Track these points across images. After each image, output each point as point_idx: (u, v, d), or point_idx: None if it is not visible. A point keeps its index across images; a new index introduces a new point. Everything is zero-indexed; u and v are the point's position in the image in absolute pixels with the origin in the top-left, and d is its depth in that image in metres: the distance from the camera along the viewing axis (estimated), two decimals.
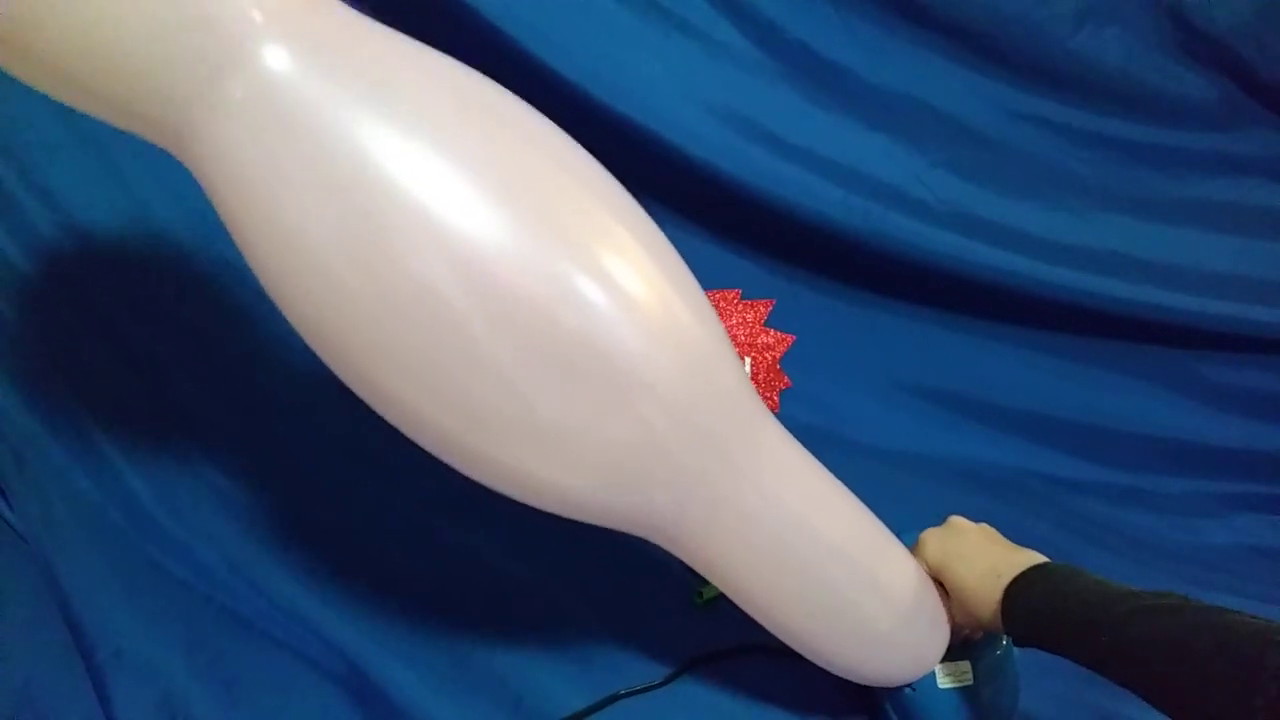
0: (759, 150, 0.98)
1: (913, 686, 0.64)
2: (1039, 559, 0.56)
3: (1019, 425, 1.08)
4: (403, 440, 0.93)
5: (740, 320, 0.88)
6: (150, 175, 0.90)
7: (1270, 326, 1.02)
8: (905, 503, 0.64)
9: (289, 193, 0.43)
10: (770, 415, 0.58)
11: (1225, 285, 1.02)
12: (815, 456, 0.60)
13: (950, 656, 0.63)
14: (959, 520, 0.63)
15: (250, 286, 0.93)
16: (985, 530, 0.61)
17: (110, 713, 0.67)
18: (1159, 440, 1.07)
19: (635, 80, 0.94)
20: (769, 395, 0.87)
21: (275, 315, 0.92)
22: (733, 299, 0.89)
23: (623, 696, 0.69)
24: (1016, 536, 0.61)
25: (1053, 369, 1.08)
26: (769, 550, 0.56)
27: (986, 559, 0.58)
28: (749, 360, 0.86)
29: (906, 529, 0.64)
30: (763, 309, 0.89)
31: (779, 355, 0.88)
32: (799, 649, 0.62)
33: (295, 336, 0.93)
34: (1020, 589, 0.54)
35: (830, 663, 0.62)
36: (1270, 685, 0.39)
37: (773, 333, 0.88)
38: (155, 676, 0.69)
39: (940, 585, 0.62)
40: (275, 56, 0.43)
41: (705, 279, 0.55)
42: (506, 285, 0.44)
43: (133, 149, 0.89)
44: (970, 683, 0.63)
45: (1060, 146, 1.03)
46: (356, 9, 0.48)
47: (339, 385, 0.93)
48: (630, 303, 0.47)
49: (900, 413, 1.09)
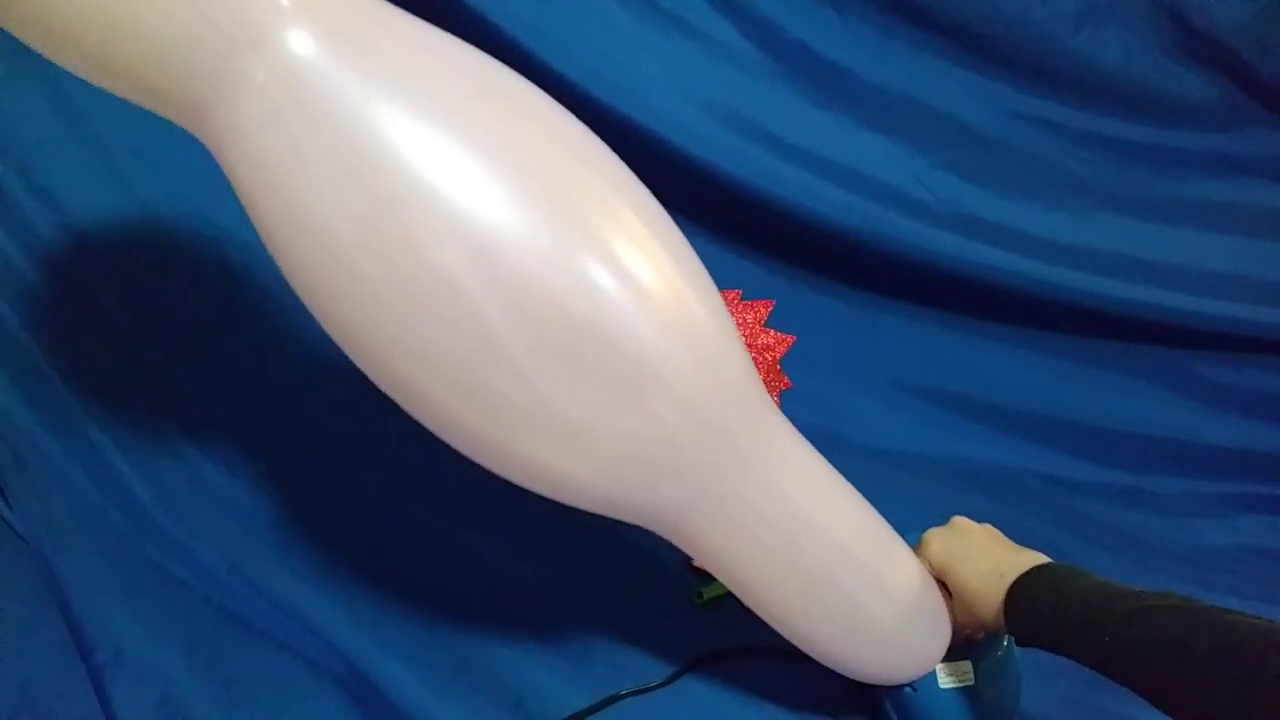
0: (759, 150, 0.98)
1: (914, 686, 0.64)
2: (1042, 559, 0.56)
3: (1019, 425, 1.08)
4: (403, 441, 0.93)
5: (740, 320, 0.88)
6: (150, 175, 0.90)
7: (1270, 326, 1.02)
8: (905, 503, 0.64)
9: (309, 178, 0.43)
10: (778, 412, 0.58)
11: (1225, 285, 1.02)
12: None
13: (951, 656, 0.63)
14: (962, 520, 0.63)
15: (251, 286, 0.93)
16: (988, 530, 0.62)
17: (110, 713, 0.67)
18: (1159, 440, 1.07)
19: (635, 80, 0.95)
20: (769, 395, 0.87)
21: (276, 316, 0.93)
22: (733, 299, 0.89)
23: (623, 696, 0.69)
24: (1017, 536, 0.61)
25: (1053, 369, 1.08)
26: (774, 546, 0.56)
27: (990, 559, 0.58)
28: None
29: (907, 529, 0.64)
30: (763, 309, 0.89)
31: (779, 355, 0.88)
32: (801, 645, 0.62)
33: (296, 337, 0.93)
34: (1023, 589, 0.54)
35: (832, 660, 0.62)
36: (1271, 686, 0.39)
37: (773, 333, 0.88)
38: (155, 676, 0.69)
39: (942, 585, 0.62)
40: (299, 41, 0.43)
41: None
42: (521, 274, 0.44)
43: (132, 149, 0.89)
44: (971, 683, 0.63)
45: (1060, 146, 1.03)
46: None
47: (340, 386, 0.93)
48: (642, 293, 0.47)
49: (900, 413, 1.09)
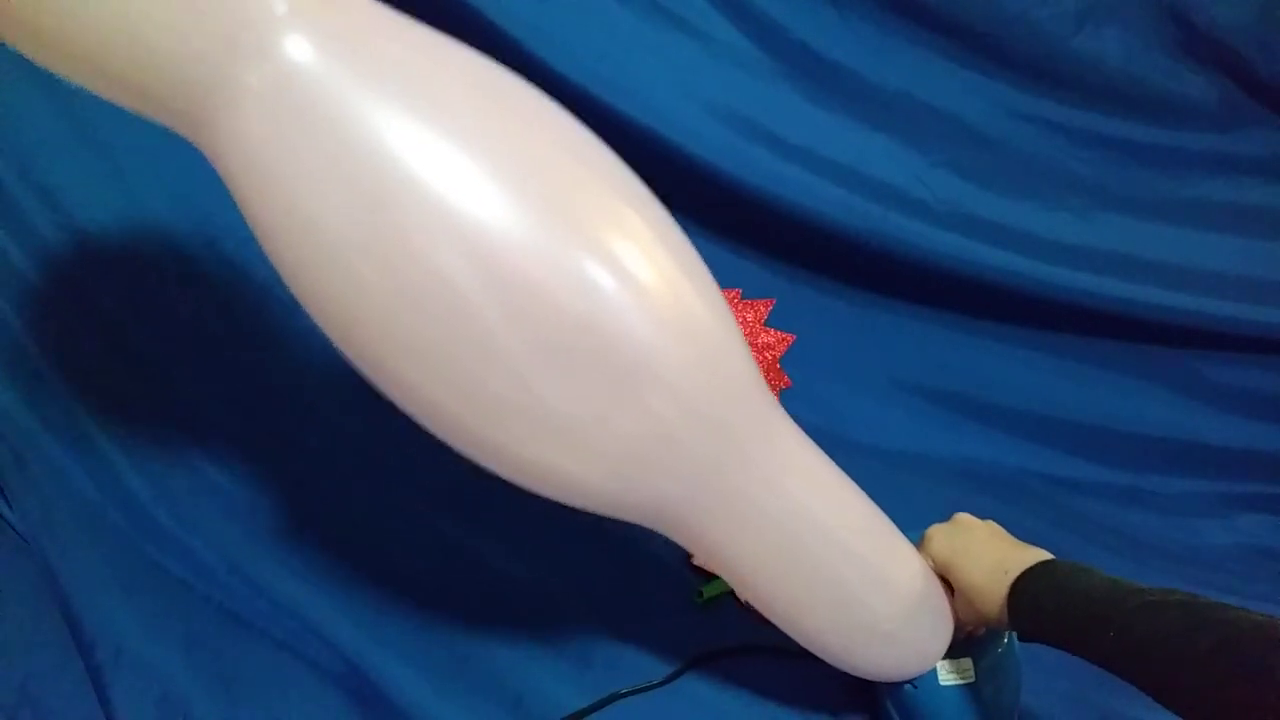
0: (759, 150, 0.98)
1: (914, 683, 0.64)
2: (1046, 556, 0.56)
3: (1019, 425, 1.08)
4: (403, 440, 0.93)
5: (740, 319, 0.88)
6: (150, 175, 0.90)
7: (1270, 326, 1.02)
8: (905, 503, 0.64)
9: (305, 183, 0.43)
10: (781, 409, 0.58)
11: (1225, 285, 1.02)
12: None
13: (953, 653, 0.63)
14: (965, 517, 0.63)
15: (251, 286, 0.93)
16: (992, 527, 0.61)
17: (110, 712, 0.67)
18: (1159, 440, 1.07)
19: (635, 80, 0.95)
20: None
21: (276, 316, 0.93)
22: (733, 298, 0.89)
23: (622, 696, 0.69)
24: (1016, 535, 0.61)
25: (1053, 369, 1.08)
26: (777, 543, 0.56)
27: (993, 555, 0.58)
28: None
29: (908, 528, 0.64)
30: (763, 309, 0.89)
31: (779, 355, 0.88)
32: (803, 641, 0.62)
33: (296, 337, 0.93)
34: (1027, 585, 0.54)
35: (834, 656, 0.62)
36: (1275, 683, 0.39)
37: (773, 333, 0.88)
38: (155, 676, 0.69)
39: (945, 582, 0.62)
40: (295, 46, 0.43)
41: None
42: (519, 274, 0.44)
43: (133, 149, 0.89)
44: (972, 680, 0.63)
45: (1060, 146, 1.03)
46: None
47: (340, 386, 0.93)
48: (641, 292, 0.47)
49: (900, 413, 1.09)
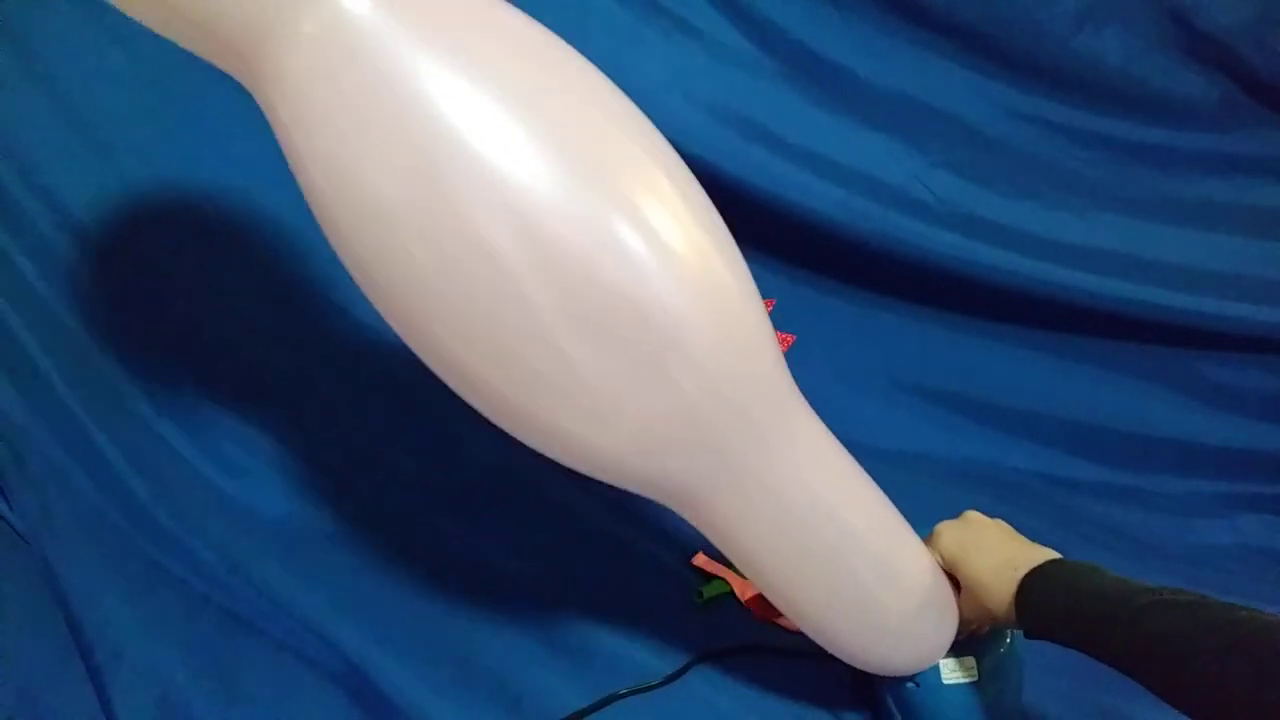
0: (759, 150, 0.98)
1: (916, 680, 0.63)
2: (1054, 555, 0.56)
3: (1019, 425, 1.08)
4: (403, 440, 0.93)
5: None
6: (151, 175, 0.90)
7: (1270, 326, 1.02)
8: (905, 502, 0.64)
9: (353, 132, 0.43)
10: (800, 396, 0.57)
11: (1225, 285, 1.02)
12: None
13: (956, 652, 0.63)
14: (974, 514, 0.63)
15: (251, 286, 0.93)
16: (1000, 525, 0.61)
17: (110, 713, 0.67)
18: (1159, 440, 1.07)
19: (635, 80, 0.94)
20: None
21: (277, 316, 0.93)
22: None
23: (622, 696, 0.69)
24: None
25: (1053, 369, 1.08)
26: (789, 529, 0.56)
27: (1002, 552, 0.58)
28: None
29: (911, 527, 0.64)
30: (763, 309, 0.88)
31: None
32: (808, 630, 0.62)
33: (297, 338, 0.93)
34: (1036, 582, 0.54)
35: (838, 647, 0.62)
36: None
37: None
38: (155, 676, 0.69)
39: (951, 579, 0.62)
40: None
41: None
42: (559, 241, 0.44)
43: (133, 149, 0.89)
44: (975, 679, 0.63)
45: (1060, 146, 1.03)
46: None
47: (340, 387, 0.93)
48: (673, 262, 0.47)
49: (900, 413, 1.09)
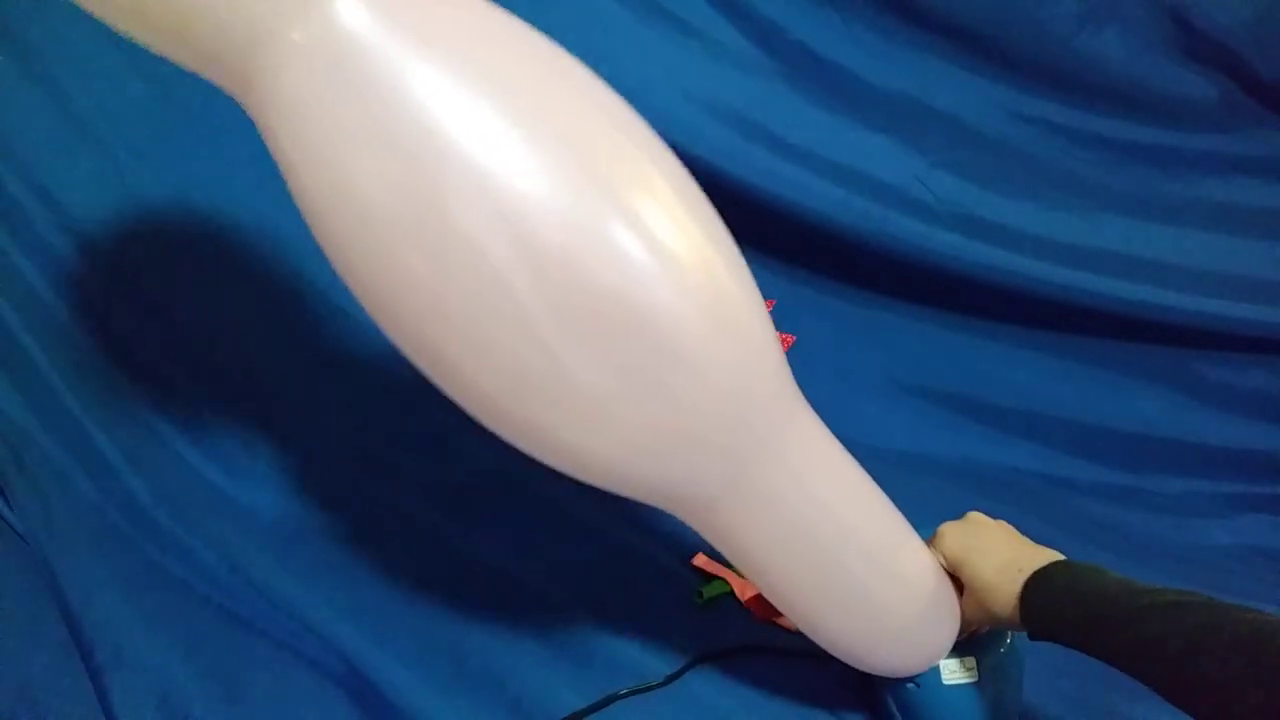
0: (759, 150, 0.98)
1: (916, 681, 0.63)
2: (1058, 557, 0.56)
3: (1019, 425, 1.08)
4: (402, 440, 0.93)
5: None
6: (150, 175, 0.90)
7: (1270, 326, 1.02)
8: (905, 502, 0.64)
9: (345, 143, 0.43)
10: (801, 396, 0.57)
11: (1225, 285, 1.02)
12: None
13: (956, 652, 0.63)
14: (978, 515, 0.63)
15: (251, 286, 0.93)
16: (1004, 526, 0.61)
17: (110, 713, 0.67)
18: (1159, 440, 1.07)
19: (635, 80, 0.94)
20: None
21: (277, 316, 0.93)
22: None
23: (621, 696, 0.69)
24: None
25: (1053, 369, 1.08)
26: (789, 531, 0.56)
27: (1006, 554, 0.58)
28: None
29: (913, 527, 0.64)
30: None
31: None
32: (809, 631, 0.62)
33: (297, 338, 0.93)
34: (1040, 583, 0.53)
35: (840, 649, 0.62)
36: None
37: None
38: (155, 676, 0.69)
39: (953, 580, 0.62)
40: (342, 3, 0.42)
41: None
42: (553, 245, 0.43)
43: (133, 149, 0.89)
44: (975, 680, 0.63)
45: (1060, 146, 1.03)
46: None
47: (340, 387, 0.93)
48: (671, 265, 0.46)
49: (900, 413, 1.09)
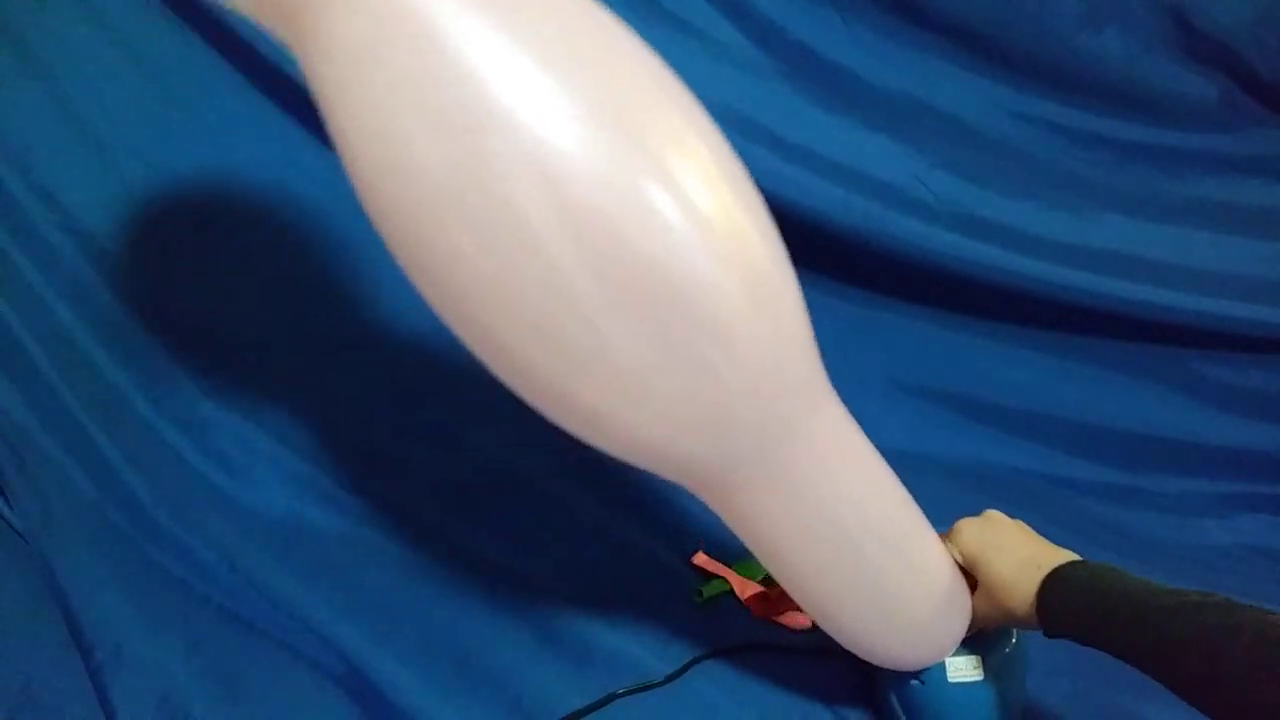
0: (759, 150, 0.98)
1: (921, 679, 0.63)
2: (1074, 557, 0.56)
3: (1019, 425, 1.08)
4: (403, 440, 0.93)
5: None
6: (151, 175, 0.90)
7: (1270, 326, 1.02)
8: None
9: (393, 96, 0.42)
10: (828, 382, 0.57)
11: (1225, 285, 1.01)
12: None
13: (962, 650, 0.63)
14: (996, 513, 0.63)
15: (250, 286, 0.93)
16: (1021, 526, 0.62)
17: (110, 712, 0.67)
18: (1159, 440, 1.07)
19: None
20: None
21: (277, 316, 0.93)
22: None
23: (621, 696, 0.69)
24: None
25: (1053, 369, 1.08)
26: (809, 517, 0.56)
27: (1024, 551, 0.58)
28: None
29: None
30: None
31: None
32: (817, 618, 0.62)
33: (296, 337, 0.93)
34: (1059, 580, 0.54)
35: (847, 637, 0.61)
36: None
37: None
38: (155, 676, 0.69)
39: (966, 575, 0.62)
40: None
41: None
42: (594, 210, 0.43)
43: (133, 149, 0.89)
44: (980, 678, 0.63)
45: (1060, 146, 1.03)
46: None
47: (339, 387, 0.93)
48: (707, 232, 0.46)
49: (900, 413, 1.09)
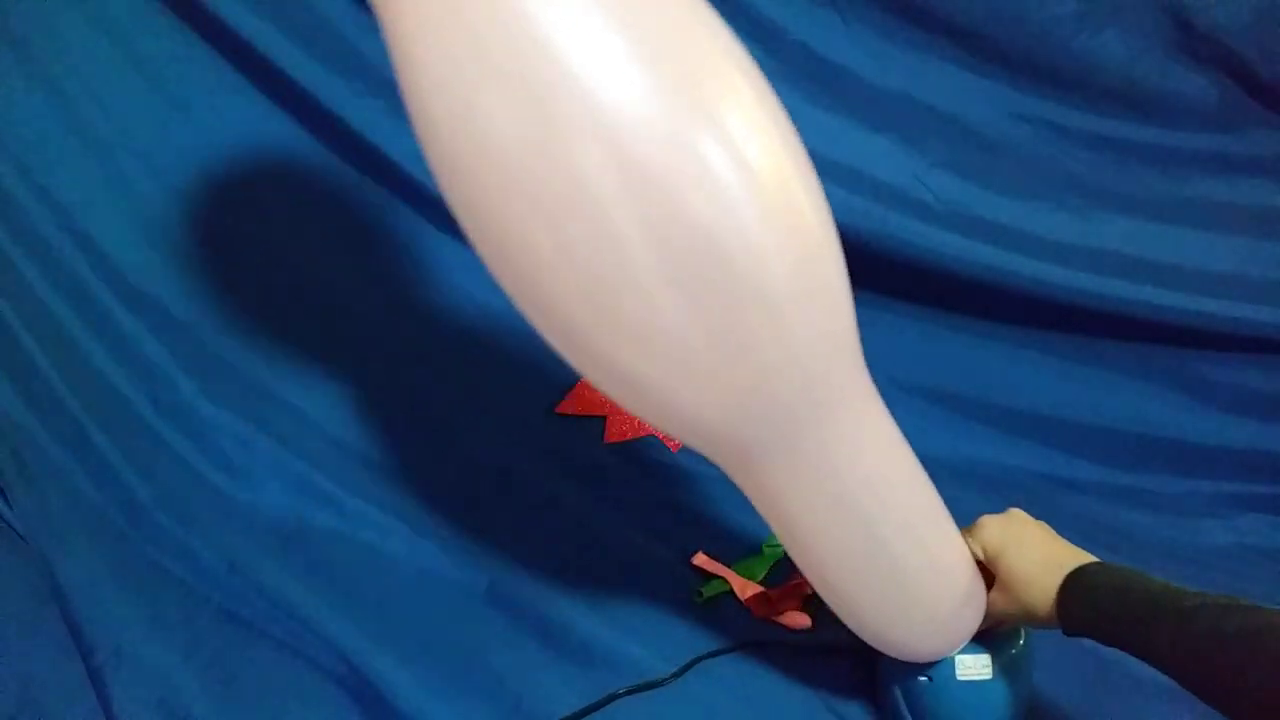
0: None
1: (929, 675, 0.63)
2: (1096, 559, 0.57)
3: (1019, 425, 1.08)
4: (403, 440, 0.93)
5: None
6: (150, 176, 0.90)
7: (1270, 326, 1.02)
8: None
9: (472, 60, 0.42)
10: (864, 364, 0.57)
11: (1225, 285, 1.01)
12: None
13: (971, 647, 0.63)
14: (1019, 512, 0.63)
15: (250, 286, 0.93)
16: (1044, 526, 0.62)
17: (110, 713, 0.67)
18: (1159, 440, 1.07)
19: None
20: None
21: (274, 317, 0.93)
22: None
23: (621, 696, 0.69)
24: None
25: (1053, 369, 1.08)
26: (837, 499, 0.56)
27: (1047, 549, 0.58)
28: None
29: None
30: None
31: None
32: (832, 602, 0.61)
33: (294, 337, 0.93)
34: (1083, 579, 0.54)
35: (862, 622, 0.61)
36: None
37: None
38: (155, 676, 0.70)
39: (983, 572, 0.62)
40: None
41: None
42: (644, 159, 0.43)
43: (133, 149, 0.89)
44: (989, 677, 0.63)
45: (1060, 146, 1.03)
46: None
47: (338, 387, 0.93)
48: (759, 195, 0.46)
49: (900, 413, 1.07)
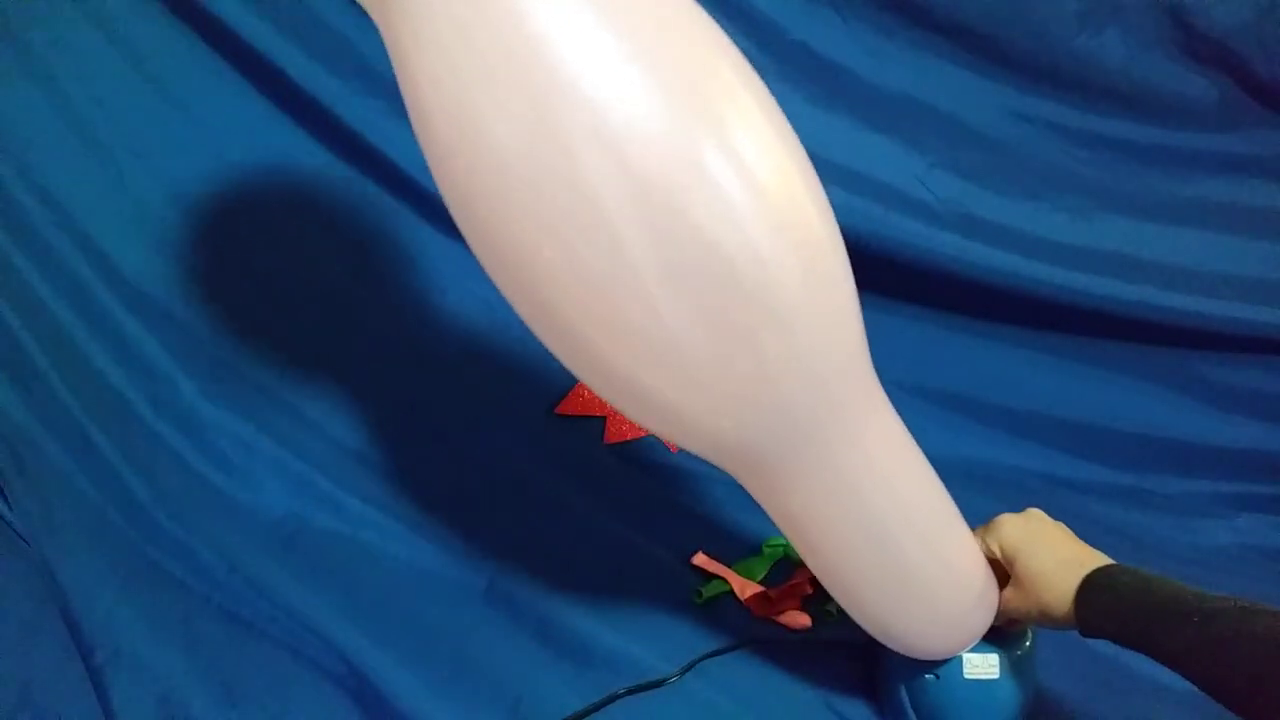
0: None
1: (937, 673, 0.63)
2: (1113, 562, 0.57)
3: (1019, 425, 1.08)
4: (402, 441, 0.93)
5: None
6: (151, 176, 0.90)
7: (1270, 326, 1.02)
8: None
9: (472, 67, 0.42)
10: (873, 368, 0.57)
11: (1225, 285, 1.02)
12: None
13: (979, 646, 0.62)
14: (1038, 512, 0.63)
15: (249, 286, 0.93)
16: (1062, 526, 0.62)
17: (110, 713, 0.67)
18: (1160, 440, 1.07)
19: None
20: None
21: (273, 318, 0.93)
22: None
23: (621, 696, 0.69)
24: None
25: (1053, 369, 1.08)
26: (849, 503, 0.56)
27: (1065, 549, 0.58)
28: None
29: None
30: None
31: None
32: (844, 601, 0.61)
33: (293, 338, 0.93)
34: (1102, 579, 0.54)
35: (872, 619, 0.61)
36: None
37: None
38: (155, 676, 0.69)
39: (996, 570, 0.62)
40: None
41: None
42: (648, 170, 0.43)
43: (133, 149, 0.90)
44: (995, 677, 0.62)
45: (1060, 146, 1.03)
46: None
47: (337, 387, 0.93)
48: (762, 201, 0.46)
49: (900, 413, 1.08)
